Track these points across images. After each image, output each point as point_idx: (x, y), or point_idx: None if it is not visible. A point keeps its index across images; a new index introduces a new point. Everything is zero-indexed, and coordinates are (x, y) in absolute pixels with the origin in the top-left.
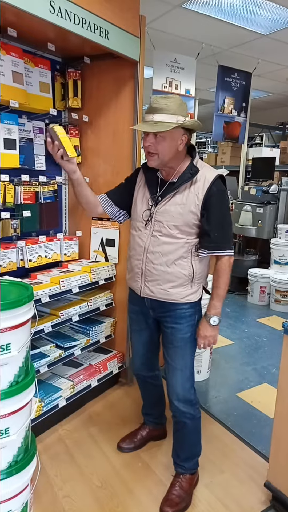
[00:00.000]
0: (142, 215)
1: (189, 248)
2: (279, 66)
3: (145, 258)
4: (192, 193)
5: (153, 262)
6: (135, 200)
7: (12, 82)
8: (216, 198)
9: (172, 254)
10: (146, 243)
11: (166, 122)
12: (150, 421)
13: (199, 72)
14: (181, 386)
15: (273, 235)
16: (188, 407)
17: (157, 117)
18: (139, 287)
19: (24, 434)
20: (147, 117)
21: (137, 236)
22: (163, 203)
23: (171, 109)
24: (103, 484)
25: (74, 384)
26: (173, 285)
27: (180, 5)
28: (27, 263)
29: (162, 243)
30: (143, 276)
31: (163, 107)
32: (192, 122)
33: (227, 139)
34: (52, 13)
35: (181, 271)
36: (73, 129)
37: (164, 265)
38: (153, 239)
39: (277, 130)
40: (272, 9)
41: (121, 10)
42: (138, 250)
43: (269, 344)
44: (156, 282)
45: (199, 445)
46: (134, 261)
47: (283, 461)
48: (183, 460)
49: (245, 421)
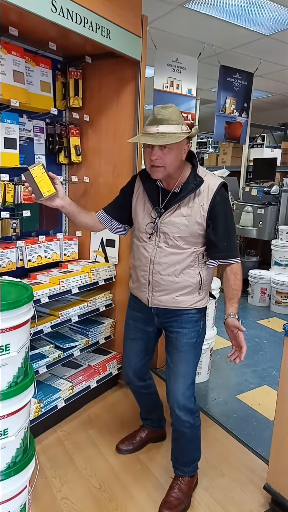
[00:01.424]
0: (146, 227)
1: (196, 256)
2: (281, 67)
3: (151, 269)
4: (197, 204)
5: (161, 273)
6: (135, 209)
7: (13, 81)
8: (221, 207)
9: (180, 264)
10: (152, 254)
11: (174, 133)
12: (148, 424)
13: (201, 72)
14: (182, 393)
15: (274, 236)
16: (188, 416)
17: (163, 128)
18: (146, 297)
19: (23, 435)
20: (151, 129)
21: (142, 247)
22: (168, 214)
23: (174, 119)
24: (101, 486)
25: (73, 385)
26: (181, 293)
27: (182, 5)
28: (26, 263)
29: (169, 254)
30: (150, 287)
31: (167, 118)
32: (195, 131)
33: (228, 140)
34: (54, 12)
35: (189, 280)
36: (74, 129)
37: (172, 275)
38: (159, 250)
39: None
40: (275, 9)
41: (123, 10)
42: (144, 261)
43: (269, 346)
44: (165, 292)
45: (199, 451)
46: (140, 272)
47: (284, 464)
48: (182, 465)
49: (245, 423)
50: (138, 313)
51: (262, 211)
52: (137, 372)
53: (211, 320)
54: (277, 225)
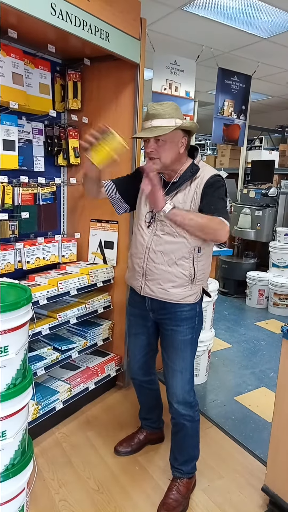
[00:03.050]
0: (145, 217)
1: (191, 248)
2: (279, 69)
3: (146, 257)
4: (192, 190)
5: (154, 261)
6: (140, 199)
7: (12, 83)
8: (212, 187)
9: (174, 253)
10: (148, 242)
11: (165, 126)
12: (147, 425)
13: (199, 75)
14: (181, 388)
15: (272, 238)
16: (188, 409)
17: (155, 122)
18: (139, 285)
19: (21, 437)
20: (145, 124)
21: (140, 235)
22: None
23: (168, 113)
24: (100, 488)
25: (71, 387)
26: (173, 285)
27: (181, 8)
28: (25, 265)
29: (164, 242)
30: (143, 275)
31: (160, 112)
32: (190, 123)
33: (226, 142)
34: (53, 15)
35: (182, 271)
36: (72, 131)
37: (165, 265)
38: (155, 238)
39: (276, 133)
40: (273, 12)
41: (122, 13)
42: (140, 249)
43: (267, 348)
44: (157, 281)
45: (197, 448)
46: (135, 260)
47: (282, 465)
48: (181, 464)
49: (243, 425)
50: (136, 309)
51: (260, 213)
52: (141, 366)
53: (209, 322)
54: (275, 227)
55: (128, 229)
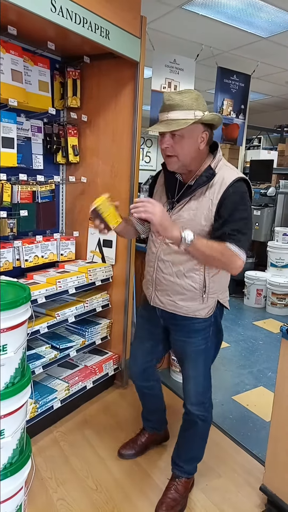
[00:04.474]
0: None
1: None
2: (278, 69)
3: (156, 266)
4: (206, 198)
5: (163, 271)
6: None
7: (11, 81)
8: (233, 199)
9: (183, 265)
10: (158, 250)
11: (182, 119)
12: (149, 426)
13: (198, 74)
14: (194, 391)
15: (270, 238)
16: (202, 410)
17: (172, 114)
18: (150, 295)
19: (19, 436)
20: (161, 117)
21: (152, 242)
22: (178, 208)
23: (186, 105)
24: (98, 487)
25: (69, 385)
26: (182, 297)
27: (181, 6)
28: (23, 263)
29: (173, 252)
30: (153, 284)
31: (177, 103)
32: (212, 116)
33: (225, 141)
34: (53, 12)
35: (191, 284)
36: (71, 129)
37: (174, 276)
38: (165, 246)
39: (275, 133)
40: (272, 12)
41: (122, 10)
42: (151, 257)
43: (265, 347)
44: (165, 293)
45: (203, 450)
46: (147, 268)
47: (280, 465)
48: (184, 461)
49: (241, 424)
50: (146, 312)
51: (258, 212)
52: (141, 373)
53: None
54: (273, 227)
55: None
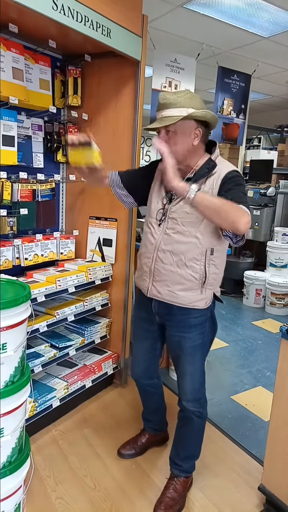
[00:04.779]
0: (156, 214)
1: (203, 250)
2: (279, 69)
3: (155, 256)
4: (207, 187)
5: (163, 261)
6: (151, 196)
7: (12, 78)
8: (229, 182)
9: (184, 254)
10: (158, 240)
11: (175, 116)
12: (150, 427)
13: (199, 73)
14: (190, 387)
15: (270, 238)
16: (197, 406)
17: (166, 112)
18: (146, 286)
19: (18, 435)
20: (157, 115)
21: (150, 233)
22: (178, 200)
23: (179, 102)
24: (96, 485)
25: (68, 384)
26: (181, 287)
27: (182, 5)
28: (23, 262)
29: (174, 241)
30: (151, 275)
31: (171, 102)
32: (204, 112)
33: (225, 141)
34: (55, 10)
35: (192, 274)
36: (72, 127)
37: (174, 265)
38: (165, 237)
39: (275, 133)
40: (274, 12)
41: (124, 9)
42: (149, 248)
43: (264, 347)
44: (164, 283)
45: (200, 447)
46: (144, 259)
47: (279, 465)
48: (182, 459)
49: (240, 424)
50: (142, 312)
51: (258, 212)
52: (145, 370)
53: None
54: (272, 227)
55: (127, 227)
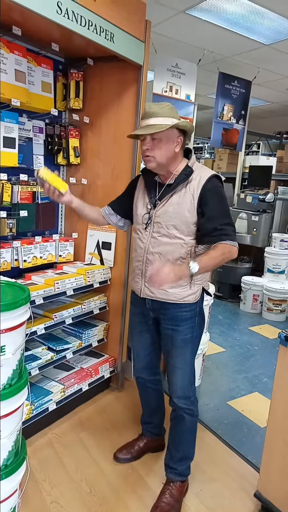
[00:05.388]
0: (142, 219)
1: (188, 249)
2: (279, 76)
3: (145, 259)
4: (188, 193)
5: (153, 263)
6: (136, 204)
7: (15, 81)
8: (212, 194)
9: (171, 254)
10: (146, 244)
11: (160, 124)
12: (148, 431)
13: (199, 78)
14: (181, 384)
15: (268, 243)
16: (188, 403)
17: (152, 121)
18: (139, 287)
19: (15, 438)
20: (142, 123)
21: (138, 239)
22: (161, 205)
23: (164, 113)
24: (92, 490)
25: (65, 387)
26: (171, 285)
27: (184, 11)
28: (21, 264)
29: (161, 244)
30: (143, 277)
31: (157, 111)
32: (185, 123)
33: (225, 146)
34: (59, 14)
35: None
36: (73, 130)
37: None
38: (152, 240)
39: (274, 139)
40: (275, 19)
41: (128, 14)
42: (139, 252)
43: (260, 353)
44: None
45: (193, 448)
46: (136, 263)
47: (275, 471)
48: (176, 462)
49: (236, 429)
50: (137, 308)
51: (256, 218)
52: (147, 365)
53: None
54: (271, 233)
55: (126, 231)
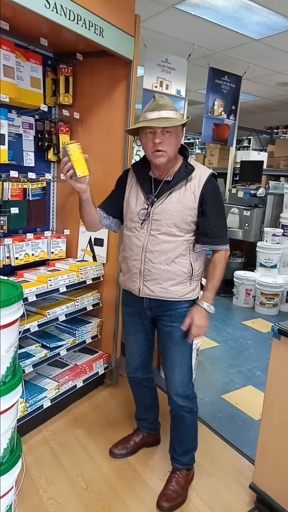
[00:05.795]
0: (138, 214)
1: (187, 245)
2: (269, 71)
3: (143, 257)
4: (188, 191)
5: (152, 261)
6: (127, 200)
7: (3, 76)
8: (211, 194)
9: (172, 252)
10: (144, 242)
11: (175, 118)
12: (144, 426)
13: (190, 73)
14: (180, 381)
15: (260, 238)
16: (186, 401)
17: (164, 113)
18: (137, 287)
19: (10, 435)
20: (152, 115)
21: (134, 237)
22: (160, 202)
23: (172, 105)
24: (88, 486)
25: (59, 384)
26: (172, 283)
27: (173, 6)
28: (13, 261)
29: (161, 242)
30: (141, 276)
31: (167, 104)
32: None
33: (216, 141)
34: (47, 8)
35: (180, 269)
36: (63, 126)
37: (164, 264)
38: (151, 238)
39: (264, 134)
40: (265, 14)
41: (117, 9)
42: (136, 250)
43: (254, 347)
44: (156, 281)
45: (196, 440)
46: (132, 262)
47: (269, 463)
48: (180, 455)
49: (230, 423)
50: (132, 308)
51: (248, 213)
52: (141, 365)
53: None
54: (262, 227)
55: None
